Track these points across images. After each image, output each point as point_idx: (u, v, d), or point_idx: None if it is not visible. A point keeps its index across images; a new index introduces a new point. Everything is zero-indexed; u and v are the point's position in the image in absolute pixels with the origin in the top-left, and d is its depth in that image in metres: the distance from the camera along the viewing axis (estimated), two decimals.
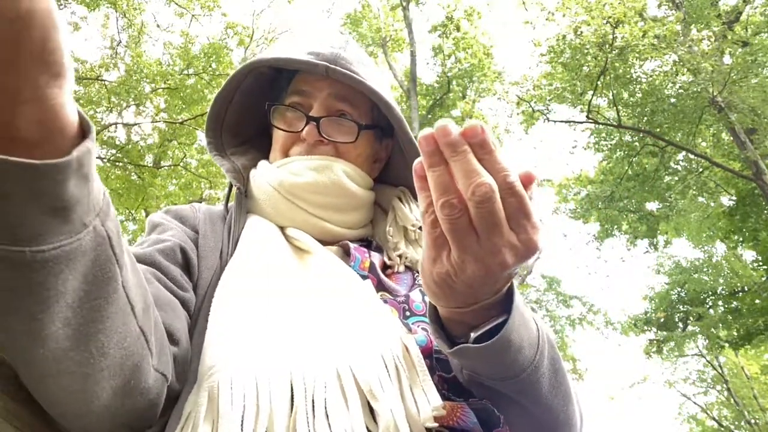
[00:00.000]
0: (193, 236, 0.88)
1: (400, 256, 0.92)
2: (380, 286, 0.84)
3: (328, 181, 0.91)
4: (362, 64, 0.99)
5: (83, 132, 0.45)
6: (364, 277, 0.83)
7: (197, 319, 0.75)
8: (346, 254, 0.89)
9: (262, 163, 1.00)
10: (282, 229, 0.92)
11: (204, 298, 0.77)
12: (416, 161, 0.55)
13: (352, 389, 0.62)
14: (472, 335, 0.61)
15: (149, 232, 0.89)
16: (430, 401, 0.62)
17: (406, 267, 0.91)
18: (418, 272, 0.90)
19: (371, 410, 0.62)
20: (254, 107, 1.04)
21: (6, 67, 0.37)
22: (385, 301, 0.81)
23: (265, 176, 0.96)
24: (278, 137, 1.00)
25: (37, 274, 0.43)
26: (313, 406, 0.60)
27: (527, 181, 0.54)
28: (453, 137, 0.52)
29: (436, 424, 0.61)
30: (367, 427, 0.60)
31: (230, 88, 1.02)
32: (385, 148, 1.08)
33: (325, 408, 0.60)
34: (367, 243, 0.97)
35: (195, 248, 0.86)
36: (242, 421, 0.58)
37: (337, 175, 0.92)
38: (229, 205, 0.99)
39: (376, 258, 0.88)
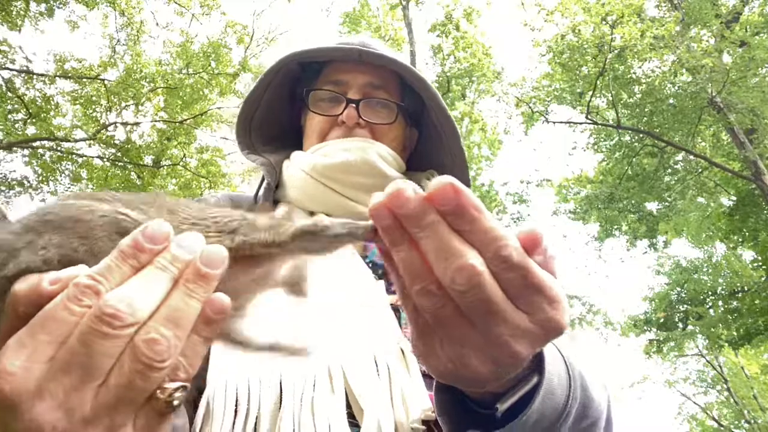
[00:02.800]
0: None
1: None
2: None
3: (360, 161, 0.91)
4: (389, 50, 1.02)
5: None
6: (382, 266, 0.82)
7: None
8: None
9: (296, 153, 1.02)
10: (312, 215, 0.92)
11: None
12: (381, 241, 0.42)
13: (341, 387, 0.63)
14: (499, 407, 0.51)
15: None
16: (419, 404, 0.61)
17: None
18: None
19: None
20: (280, 104, 1.06)
21: None
22: None
23: (297, 163, 0.97)
24: (314, 124, 1.01)
25: None
26: (302, 404, 0.61)
27: (531, 244, 0.40)
28: (414, 207, 0.38)
29: (423, 428, 0.61)
30: (359, 426, 0.60)
31: (262, 87, 1.04)
32: (411, 136, 1.09)
33: (312, 407, 0.60)
34: None
35: None
36: (233, 425, 0.60)
37: (371, 156, 0.92)
38: (259, 196, 1.00)
39: None
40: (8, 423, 0.33)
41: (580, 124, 11.60)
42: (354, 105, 0.97)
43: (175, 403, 0.36)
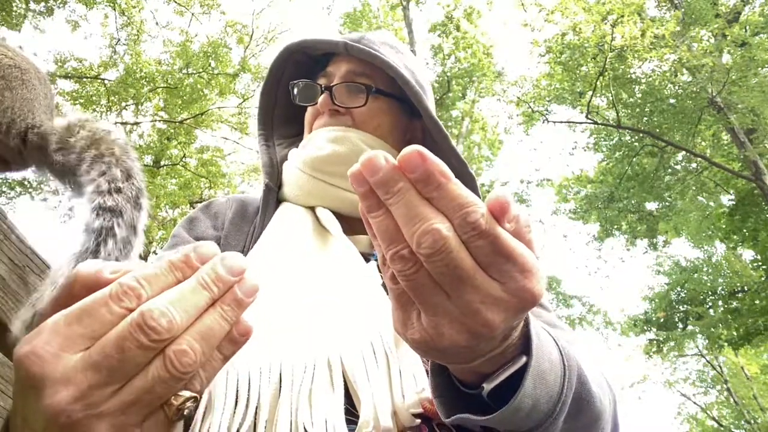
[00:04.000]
0: (215, 237, 0.91)
1: None
2: None
3: (348, 151, 0.91)
4: (388, 46, 1.01)
5: None
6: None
7: None
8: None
9: (293, 150, 1.02)
10: (313, 210, 0.93)
11: None
12: (359, 206, 0.43)
13: (340, 379, 0.63)
14: (486, 387, 0.51)
15: (168, 244, 0.93)
16: (416, 383, 0.61)
17: None
18: None
19: None
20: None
21: None
22: None
23: (292, 161, 0.98)
24: (306, 117, 1.03)
25: None
26: (299, 396, 0.61)
27: (500, 211, 0.40)
28: (383, 174, 0.39)
29: (421, 410, 0.61)
30: (358, 414, 0.61)
31: (272, 80, 1.06)
32: (420, 128, 1.06)
33: (310, 398, 0.61)
34: None
35: None
36: (233, 414, 0.60)
37: (354, 143, 0.92)
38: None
39: None
40: (29, 401, 0.35)
41: (580, 123, 11.61)
42: (327, 91, 0.97)
43: (186, 412, 0.38)
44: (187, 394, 0.38)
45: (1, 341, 0.62)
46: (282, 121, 1.08)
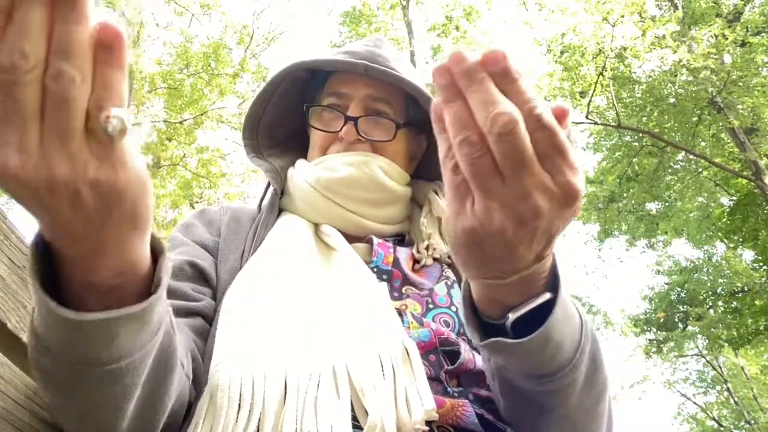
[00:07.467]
0: (213, 242, 0.92)
1: (427, 247, 0.91)
2: (405, 281, 0.85)
3: (364, 177, 0.93)
4: (399, 61, 1.02)
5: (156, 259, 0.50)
6: (387, 272, 0.85)
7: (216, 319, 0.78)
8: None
9: (301, 162, 1.02)
10: (317, 226, 0.94)
11: (222, 298, 0.80)
12: (434, 102, 0.48)
13: (345, 387, 0.63)
14: (510, 316, 0.54)
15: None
16: (423, 404, 0.61)
17: (435, 260, 0.92)
18: (445, 264, 0.91)
19: None
20: (289, 109, 1.07)
21: (97, 230, 0.41)
22: (409, 295, 0.83)
23: (302, 174, 0.98)
24: (316, 138, 1.02)
25: (124, 378, 0.51)
26: (305, 403, 0.62)
27: (561, 115, 0.46)
28: (468, 65, 0.45)
29: (426, 428, 0.61)
30: (361, 425, 0.61)
31: (268, 92, 1.05)
32: (419, 145, 1.08)
33: (315, 405, 0.61)
34: (401, 238, 0.99)
35: (212, 255, 0.89)
36: (236, 418, 0.60)
37: (372, 170, 0.93)
38: (264, 204, 1.01)
39: (403, 253, 0.89)
40: None
41: (580, 123, 11.61)
42: (353, 122, 0.96)
43: (110, 129, 0.38)
44: (102, 114, 0.38)
45: (1, 341, 0.62)
46: (266, 131, 1.08)
